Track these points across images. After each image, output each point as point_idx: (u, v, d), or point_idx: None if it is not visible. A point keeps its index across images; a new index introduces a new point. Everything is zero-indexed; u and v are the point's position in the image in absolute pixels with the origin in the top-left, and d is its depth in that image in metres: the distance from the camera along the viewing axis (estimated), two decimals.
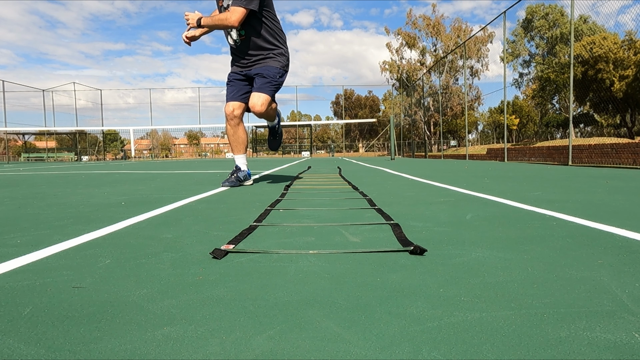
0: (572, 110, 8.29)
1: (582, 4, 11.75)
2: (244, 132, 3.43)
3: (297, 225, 1.54)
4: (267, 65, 3.28)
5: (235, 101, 3.34)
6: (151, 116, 35.36)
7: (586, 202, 2.07)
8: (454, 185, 3.17)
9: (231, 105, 3.34)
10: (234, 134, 3.39)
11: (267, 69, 3.27)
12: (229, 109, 3.33)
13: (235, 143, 3.43)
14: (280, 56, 3.33)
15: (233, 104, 3.34)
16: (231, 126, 3.38)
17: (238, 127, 3.38)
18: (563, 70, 26.91)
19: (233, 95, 3.37)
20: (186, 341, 0.61)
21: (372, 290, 0.82)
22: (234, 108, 3.32)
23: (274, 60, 3.31)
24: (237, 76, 3.38)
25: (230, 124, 3.37)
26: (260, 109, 3.21)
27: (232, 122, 3.36)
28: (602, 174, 4.52)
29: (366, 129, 53.43)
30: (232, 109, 3.33)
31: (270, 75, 3.26)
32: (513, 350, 0.57)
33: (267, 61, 3.29)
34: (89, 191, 3.08)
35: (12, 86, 29.68)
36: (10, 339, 0.62)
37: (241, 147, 3.44)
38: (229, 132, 3.41)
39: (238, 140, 3.42)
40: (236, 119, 3.34)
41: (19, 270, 0.99)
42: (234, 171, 3.44)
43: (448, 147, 33.50)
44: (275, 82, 3.30)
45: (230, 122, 3.36)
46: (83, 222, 1.65)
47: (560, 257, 1.05)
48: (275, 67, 3.30)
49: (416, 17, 37.30)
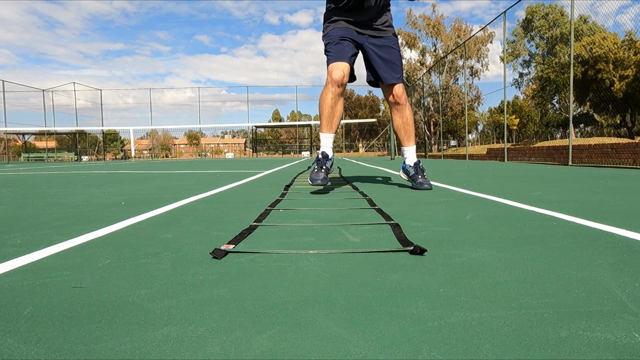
0: (572, 110, 8.29)
1: (582, 4, 11.76)
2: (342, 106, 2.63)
3: (297, 225, 1.54)
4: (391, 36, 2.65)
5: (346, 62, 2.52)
6: (151, 116, 35.36)
7: (586, 202, 2.07)
8: (454, 185, 3.17)
9: (342, 69, 2.48)
10: (334, 105, 2.55)
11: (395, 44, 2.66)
12: (338, 73, 2.47)
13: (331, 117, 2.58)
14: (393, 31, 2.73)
15: (344, 67, 2.50)
16: (334, 95, 2.53)
17: (340, 98, 2.57)
18: (563, 70, 26.91)
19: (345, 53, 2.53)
20: (186, 341, 0.61)
21: (372, 290, 0.82)
22: (344, 73, 2.49)
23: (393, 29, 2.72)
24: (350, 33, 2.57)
25: (335, 93, 2.53)
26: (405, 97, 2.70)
27: (337, 90, 2.52)
28: (602, 174, 4.52)
29: (366, 129, 53.44)
30: (342, 74, 2.48)
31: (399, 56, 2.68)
32: (513, 350, 0.57)
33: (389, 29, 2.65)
34: (89, 191, 3.08)
35: (12, 86, 29.71)
36: (10, 339, 0.62)
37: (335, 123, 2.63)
38: (326, 102, 2.54)
39: (335, 114, 2.58)
40: (342, 88, 2.55)
41: (19, 270, 0.99)
42: (321, 161, 2.61)
43: (448, 147, 33.50)
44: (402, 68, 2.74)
45: (334, 90, 2.52)
46: (83, 222, 1.65)
47: (560, 257, 1.05)
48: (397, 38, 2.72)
49: (416, 17, 37.34)
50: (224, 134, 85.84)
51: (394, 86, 2.73)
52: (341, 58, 2.50)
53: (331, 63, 2.52)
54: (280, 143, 60.03)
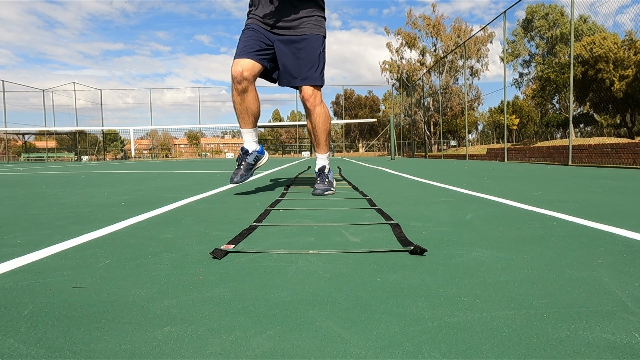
0: (572, 110, 8.29)
1: (582, 4, 11.77)
2: (254, 101, 2.50)
3: (297, 225, 1.54)
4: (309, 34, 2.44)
5: (247, 58, 2.41)
6: (151, 116, 35.40)
7: (586, 202, 2.07)
8: (454, 185, 3.17)
9: (240, 65, 2.40)
10: (241, 102, 2.46)
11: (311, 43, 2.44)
12: (237, 68, 2.39)
13: (243, 113, 2.50)
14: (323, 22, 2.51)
15: (244, 62, 2.41)
16: (237, 92, 2.45)
17: (247, 94, 2.45)
18: (563, 70, 26.91)
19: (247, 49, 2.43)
20: (186, 341, 0.61)
21: (372, 290, 0.82)
22: (243, 68, 2.40)
23: (317, 27, 2.47)
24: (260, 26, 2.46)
25: (237, 89, 2.44)
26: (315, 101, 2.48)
27: (238, 86, 2.43)
28: (602, 174, 4.52)
29: (366, 129, 53.44)
30: (240, 69, 2.39)
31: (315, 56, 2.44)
32: (513, 350, 0.57)
33: (308, 25, 2.45)
34: (89, 191, 3.08)
35: (12, 86, 29.72)
36: (10, 339, 0.62)
37: (249, 119, 2.53)
38: (234, 99, 2.48)
39: (247, 110, 2.49)
40: (245, 82, 2.42)
41: (19, 270, 0.99)
42: (241, 157, 2.58)
43: (448, 147, 33.50)
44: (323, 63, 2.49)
45: (237, 87, 2.43)
46: (83, 222, 1.65)
47: (560, 257, 1.05)
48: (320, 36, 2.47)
49: (416, 17, 37.34)
50: (224, 134, 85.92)
51: (302, 88, 2.57)
52: (241, 55, 2.43)
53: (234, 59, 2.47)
54: (280, 143, 60.06)
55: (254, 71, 2.44)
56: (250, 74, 2.42)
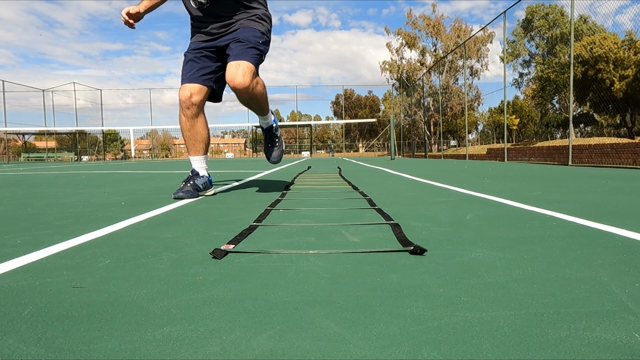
0: (572, 110, 8.29)
1: (582, 4, 11.77)
2: (204, 127, 2.52)
3: (297, 225, 1.54)
4: (244, 27, 2.40)
5: (193, 83, 2.42)
6: (151, 116, 35.45)
7: (586, 202, 2.07)
8: (454, 185, 3.17)
9: (188, 89, 2.41)
10: (191, 127, 2.47)
11: (245, 31, 2.38)
12: (185, 93, 2.40)
13: (192, 140, 2.52)
14: (264, 18, 2.47)
15: (191, 87, 2.41)
16: (186, 117, 2.44)
17: (196, 119, 2.46)
18: (563, 70, 26.91)
19: (192, 74, 2.43)
20: (186, 341, 0.61)
21: (372, 290, 0.82)
22: (191, 93, 2.40)
23: (255, 22, 2.43)
24: (200, 52, 2.46)
25: (186, 115, 2.43)
26: (243, 80, 2.24)
27: (187, 112, 2.42)
28: (602, 174, 4.52)
29: (366, 129, 53.46)
30: (188, 94, 2.40)
31: (249, 39, 2.35)
32: (513, 350, 0.57)
33: (245, 22, 2.42)
34: (89, 191, 3.08)
35: (12, 86, 29.71)
36: (10, 339, 0.62)
37: (199, 146, 2.55)
38: (183, 125, 2.48)
39: (196, 137, 2.51)
40: (194, 108, 2.42)
41: (19, 270, 0.99)
42: (190, 177, 2.54)
43: (448, 147, 33.50)
44: (258, 48, 2.39)
45: (185, 112, 2.43)
46: (83, 222, 1.65)
47: (560, 257, 1.05)
48: (256, 29, 2.41)
49: (416, 17, 37.33)
50: (224, 134, 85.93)
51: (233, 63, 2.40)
52: (189, 79, 2.43)
53: (181, 85, 2.46)
54: None
55: (202, 95, 2.44)
56: (199, 98, 2.42)
